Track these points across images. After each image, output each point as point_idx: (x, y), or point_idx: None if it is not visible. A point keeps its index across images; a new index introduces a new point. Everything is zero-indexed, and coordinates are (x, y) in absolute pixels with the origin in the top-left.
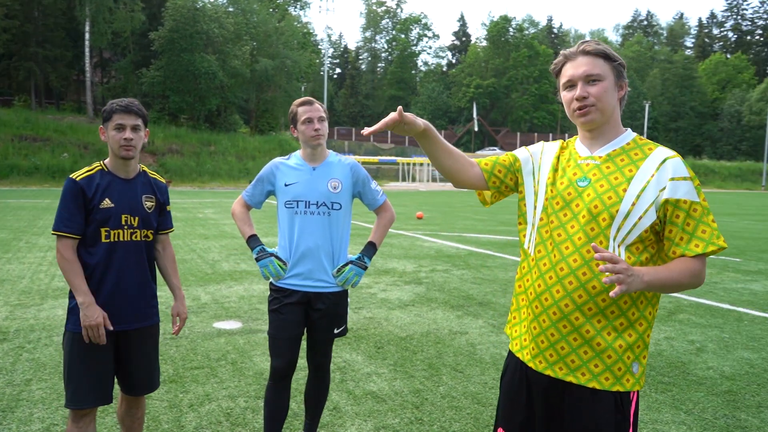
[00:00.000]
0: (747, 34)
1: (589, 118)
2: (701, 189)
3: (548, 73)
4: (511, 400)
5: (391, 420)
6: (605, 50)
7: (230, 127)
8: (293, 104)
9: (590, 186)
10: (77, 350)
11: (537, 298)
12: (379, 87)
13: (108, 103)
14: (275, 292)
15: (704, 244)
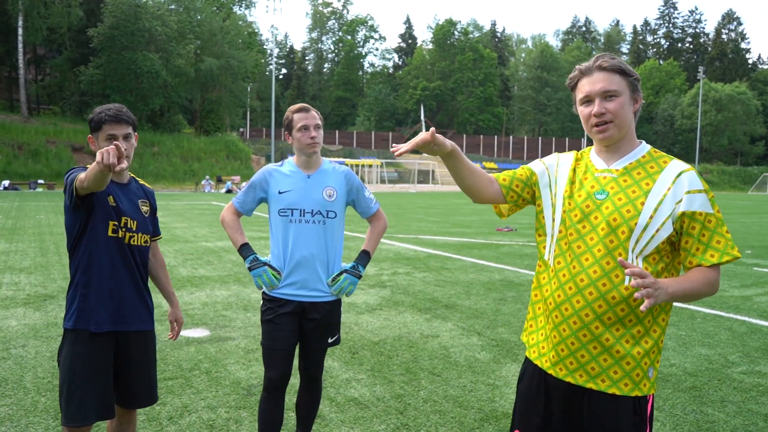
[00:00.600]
0: (678, 42)
1: (608, 134)
2: (715, 201)
3: (493, 76)
4: (529, 404)
5: (377, 426)
6: (621, 65)
7: (174, 128)
8: (289, 110)
9: (608, 199)
10: (77, 356)
11: (557, 308)
12: (325, 88)
13: (95, 111)
14: (269, 302)
15: (719, 254)
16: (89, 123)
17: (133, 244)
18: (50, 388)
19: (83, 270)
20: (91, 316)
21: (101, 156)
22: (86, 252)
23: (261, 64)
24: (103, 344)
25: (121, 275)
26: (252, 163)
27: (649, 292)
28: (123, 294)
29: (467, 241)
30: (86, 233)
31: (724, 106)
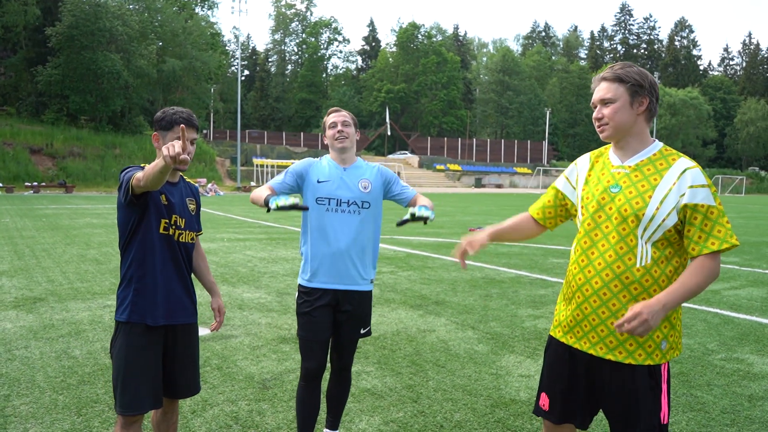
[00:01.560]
0: (633, 48)
1: (605, 135)
2: (717, 194)
3: (456, 79)
4: (555, 371)
5: (395, 414)
6: (620, 75)
7: (136, 129)
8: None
9: (621, 192)
10: (132, 347)
11: (579, 289)
12: (289, 90)
13: (166, 111)
14: (305, 294)
15: (719, 242)
16: (158, 121)
17: (181, 241)
18: (66, 387)
19: (137, 265)
20: (146, 310)
21: (167, 149)
22: (140, 248)
23: (224, 65)
24: (157, 337)
25: (171, 271)
26: (216, 165)
27: (635, 330)
28: (172, 289)
29: (443, 240)
30: (140, 230)
31: (678, 111)
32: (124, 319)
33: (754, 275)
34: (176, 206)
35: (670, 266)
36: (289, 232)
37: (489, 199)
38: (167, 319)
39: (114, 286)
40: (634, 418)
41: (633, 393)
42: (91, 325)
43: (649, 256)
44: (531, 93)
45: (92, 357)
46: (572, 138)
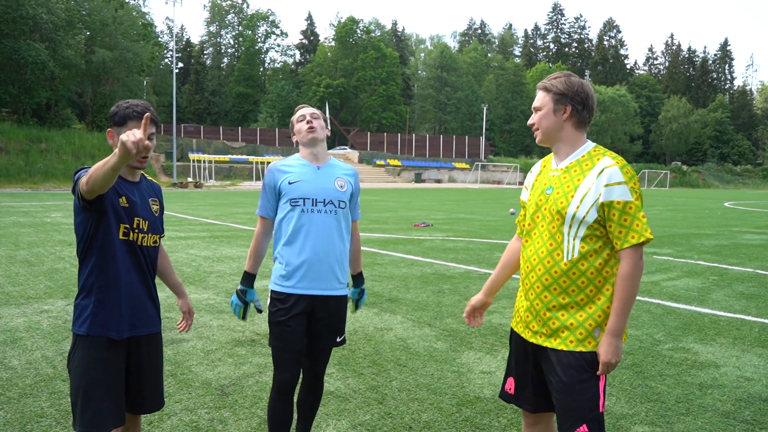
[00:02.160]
0: (565, 46)
1: (537, 139)
2: (636, 189)
3: (395, 74)
4: (515, 358)
5: (362, 417)
6: (546, 85)
7: (63, 123)
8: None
9: (552, 193)
10: (93, 361)
11: (521, 282)
12: (225, 83)
13: (120, 105)
14: (279, 301)
15: (638, 235)
16: (112, 116)
17: (144, 245)
18: (5, 401)
19: (98, 274)
20: (108, 322)
21: (127, 135)
22: (100, 256)
23: (157, 57)
24: (120, 349)
25: (134, 278)
26: (151, 160)
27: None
28: (137, 297)
29: (389, 236)
30: (98, 236)
31: (607, 108)
32: (83, 332)
33: (688, 266)
34: (138, 208)
35: (599, 259)
36: (233, 229)
37: (430, 194)
38: (132, 330)
39: (49, 289)
40: (571, 406)
41: (570, 381)
42: (28, 332)
43: (576, 251)
44: (468, 89)
45: (32, 367)
46: (508, 134)
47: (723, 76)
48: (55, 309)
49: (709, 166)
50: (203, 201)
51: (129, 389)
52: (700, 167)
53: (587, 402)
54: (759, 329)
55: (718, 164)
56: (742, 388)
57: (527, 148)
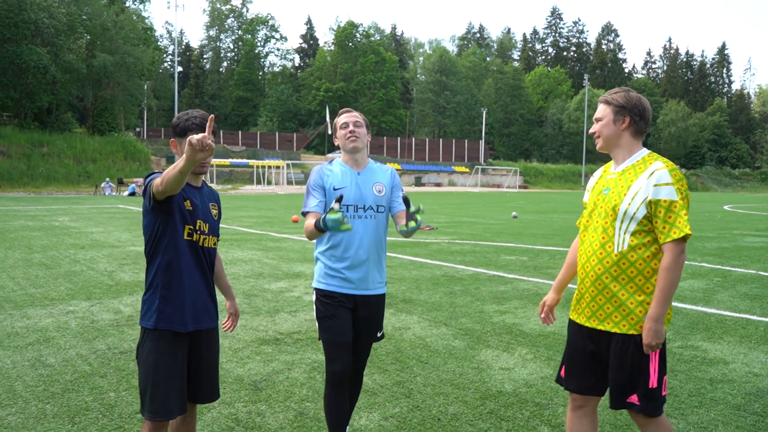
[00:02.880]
0: (564, 50)
1: (597, 146)
2: (681, 190)
3: (394, 78)
4: (571, 347)
5: (392, 410)
6: (606, 98)
7: (64, 127)
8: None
9: (609, 192)
10: (160, 354)
11: (578, 273)
12: (225, 87)
13: (181, 116)
14: (326, 297)
15: (679, 231)
16: (174, 128)
17: (205, 246)
18: (50, 396)
19: (164, 272)
20: (173, 317)
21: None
22: (166, 254)
23: (157, 61)
24: (184, 343)
25: (197, 276)
26: (152, 164)
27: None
28: (199, 294)
29: (395, 240)
30: (165, 236)
31: None
32: (151, 326)
33: (691, 268)
34: (200, 211)
35: (648, 252)
36: (240, 233)
37: (430, 197)
38: (195, 324)
39: (71, 291)
40: (624, 381)
41: (623, 361)
42: (59, 332)
43: (626, 244)
44: (467, 93)
45: (69, 365)
46: (507, 137)
47: (721, 80)
48: (80, 310)
49: (708, 169)
50: None
51: (190, 380)
52: (699, 171)
53: (639, 378)
54: (765, 328)
55: (716, 168)
56: (751, 383)
57: (526, 151)
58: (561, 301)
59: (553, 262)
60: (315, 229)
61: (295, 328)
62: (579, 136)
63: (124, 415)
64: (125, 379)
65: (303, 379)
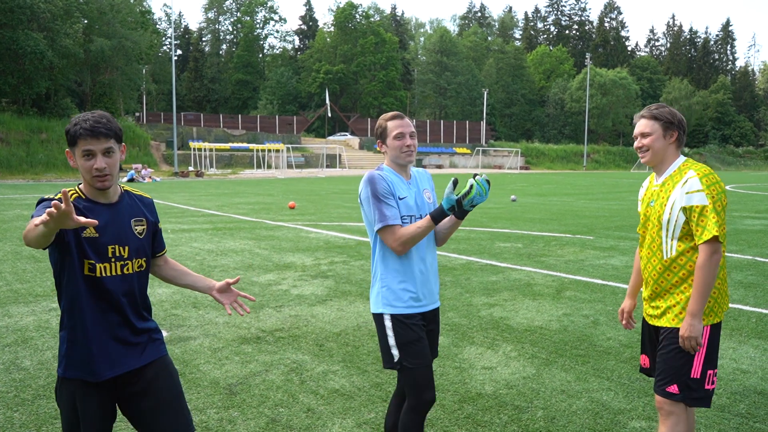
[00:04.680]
0: (566, 29)
1: (646, 159)
2: (712, 195)
3: (395, 60)
4: (648, 338)
5: (366, 415)
6: (655, 114)
7: (63, 113)
8: (381, 118)
9: (654, 204)
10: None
11: (641, 274)
12: (224, 70)
13: (71, 122)
14: (406, 318)
15: (708, 233)
16: (66, 135)
17: (125, 273)
18: (20, 402)
19: (67, 315)
20: (82, 365)
21: (48, 214)
22: (68, 294)
23: (155, 44)
24: (105, 389)
25: (103, 318)
26: (151, 149)
27: (692, 348)
28: (112, 337)
29: None
30: (65, 273)
31: (608, 91)
32: (60, 373)
33: None
34: (111, 234)
35: (695, 255)
36: (235, 221)
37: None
38: (114, 369)
39: None
40: (667, 369)
41: (668, 350)
42: (38, 331)
43: (673, 250)
44: (468, 74)
45: (44, 368)
46: (509, 118)
47: (725, 57)
48: None
49: (711, 147)
50: (204, 191)
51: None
52: (702, 149)
53: (680, 367)
54: (756, 319)
55: (719, 146)
56: (738, 381)
57: (528, 132)
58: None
59: (547, 249)
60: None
61: (279, 325)
62: (581, 115)
63: None
64: None
65: (279, 381)
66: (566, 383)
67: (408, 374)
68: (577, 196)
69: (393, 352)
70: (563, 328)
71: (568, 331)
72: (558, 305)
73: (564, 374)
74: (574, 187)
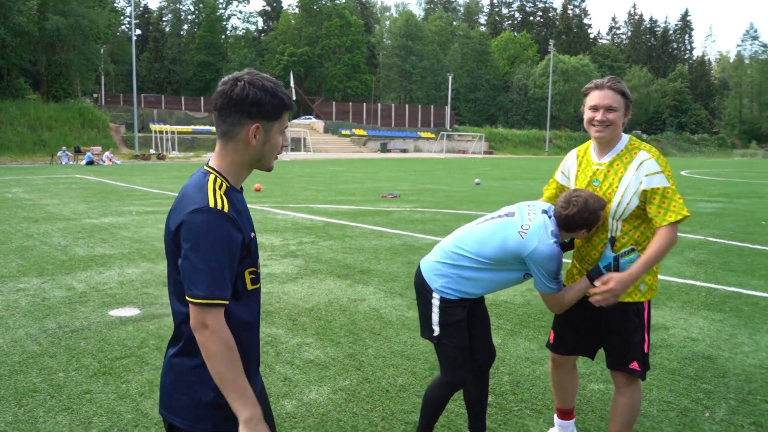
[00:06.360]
0: (530, 15)
1: (604, 135)
2: (670, 176)
3: (360, 43)
4: (564, 316)
5: (342, 382)
6: (624, 89)
7: (16, 93)
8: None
9: (600, 185)
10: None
11: (575, 254)
12: (186, 51)
13: (266, 91)
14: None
15: (674, 214)
16: (257, 105)
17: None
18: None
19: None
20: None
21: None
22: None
23: (114, 23)
24: None
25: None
26: (111, 131)
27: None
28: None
29: (358, 208)
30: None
31: (571, 77)
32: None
33: None
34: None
35: (637, 232)
36: None
37: (396, 164)
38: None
39: (22, 267)
40: (624, 347)
41: (623, 327)
42: (8, 311)
43: (618, 230)
44: (434, 58)
45: (18, 345)
46: (473, 103)
47: (683, 47)
48: (31, 287)
49: (668, 134)
50: (167, 173)
51: None
52: (660, 136)
53: (638, 344)
54: (706, 293)
55: (676, 133)
56: (688, 347)
57: (492, 117)
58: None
59: None
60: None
61: None
62: (544, 101)
63: (73, 396)
64: (75, 359)
65: None
66: (530, 351)
67: (446, 352)
68: (539, 180)
69: (434, 328)
70: (526, 302)
71: (531, 305)
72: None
73: (528, 343)
74: (536, 171)
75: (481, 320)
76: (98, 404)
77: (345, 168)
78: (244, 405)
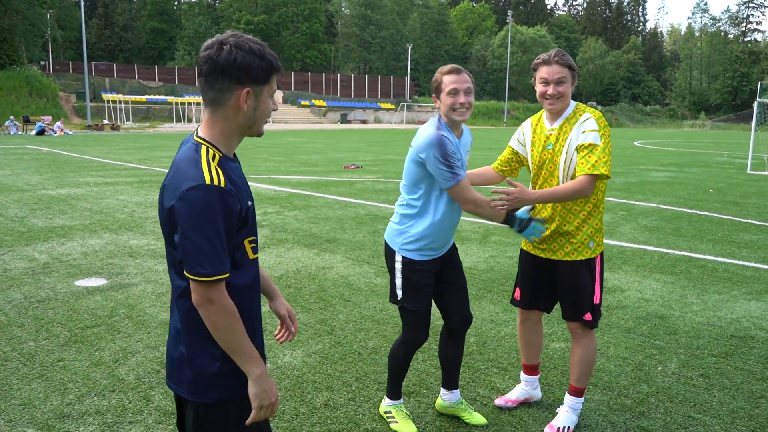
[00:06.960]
0: None
1: (556, 106)
2: (606, 137)
3: (318, 11)
4: (524, 272)
5: (315, 346)
6: (570, 62)
7: None
8: (438, 71)
9: (552, 147)
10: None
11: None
12: (138, 18)
13: (254, 54)
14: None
15: (592, 167)
16: (246, 69)
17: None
18: None
19: None
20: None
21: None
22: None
23: None
24: None
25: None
26: (60, 101)
27: (512, 205)
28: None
29: (320, 179)
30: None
31: (528, 49)
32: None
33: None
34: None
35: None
36: (160, 174)
37: (356, 135)
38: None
39: None
40: (577, 300)
41: (576, 282)
42: None
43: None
44: (393, 28)
45: None
46: (433, 74)
47: (637, 18)
48: None
49: (622, 106)
50: (123, 144)
51: None
52: (614, 107)
53: (590, 297)
54: (658, 258)
55: (629, 104)
56: (642, 308)
57: None
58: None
59: None
60: (488, 218)
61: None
62: (502, 72)
63: (46, 364)
64: (44, 328)
65: None
66: (495, 314)
67: (406, 314)
68: (497, 150)
69: (397, 292)
70: (490, 267)
71: (495, 270)
72: (485, 248)
73: (492, 307)
74: (494, 141)
75: (455, 285)
76: (72, 371)
77: (306, 139)
78: (252, 365)
